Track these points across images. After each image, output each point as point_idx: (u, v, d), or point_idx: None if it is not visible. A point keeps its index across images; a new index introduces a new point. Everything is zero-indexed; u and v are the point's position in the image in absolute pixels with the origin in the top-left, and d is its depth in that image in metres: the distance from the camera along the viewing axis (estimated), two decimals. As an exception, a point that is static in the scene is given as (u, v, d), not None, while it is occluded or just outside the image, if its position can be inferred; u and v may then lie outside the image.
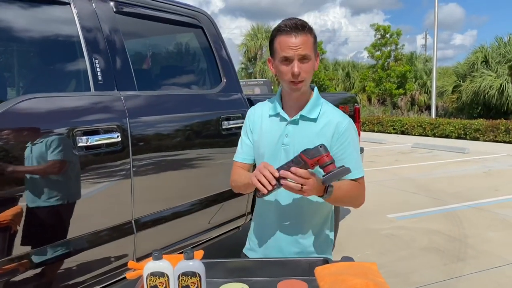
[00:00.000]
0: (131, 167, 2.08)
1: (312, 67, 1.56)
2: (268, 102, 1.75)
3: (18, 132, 1.68)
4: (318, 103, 1.65)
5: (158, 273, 1.27)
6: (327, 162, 1.41)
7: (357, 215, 5.30)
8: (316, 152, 1.42)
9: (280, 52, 1.53)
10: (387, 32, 23.24)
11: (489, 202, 5.80)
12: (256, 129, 1.72)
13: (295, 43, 1.50)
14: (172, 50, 3.09)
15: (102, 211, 2.00)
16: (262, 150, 1.69)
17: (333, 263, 1.41)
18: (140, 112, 2.20)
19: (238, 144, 1.79)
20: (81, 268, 1.93)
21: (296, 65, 1.51)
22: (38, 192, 1.73)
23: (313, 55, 1.56)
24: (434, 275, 3.53)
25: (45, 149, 1.74)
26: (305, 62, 1.53)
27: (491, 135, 12.81)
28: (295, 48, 1.50)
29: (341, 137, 1.60)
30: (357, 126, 4.52)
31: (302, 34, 1.51)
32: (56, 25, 2.07)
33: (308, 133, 1.62)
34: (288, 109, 1.66)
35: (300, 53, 1.50)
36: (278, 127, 1.66)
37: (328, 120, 1.62)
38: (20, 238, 1.68)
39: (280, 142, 1.64)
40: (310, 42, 1.53)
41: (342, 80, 28.56)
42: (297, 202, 1.66)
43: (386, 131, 16.61)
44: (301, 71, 1.52)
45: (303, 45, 1.50)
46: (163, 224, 2.31)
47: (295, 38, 1.50)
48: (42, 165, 1.74)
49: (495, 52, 19.66)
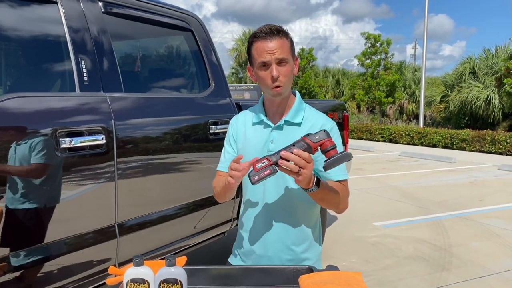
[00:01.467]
0: (116, 170, 2.05)
1: (290, 70, 1.57)
2: (250, 110, 1.74)
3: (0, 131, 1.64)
4: (301, 107, 1.66)
5: (138, 279, 1.24)
6: (329, 146, 1.40)
7: (344, 223, 5.30)
8: (320, 136, 1.41)
9: (258, 58, 1.54)
10: (377, 41, 23.46)
11: (474, 212, 5.84)
12: (240, 138, 1.71)
13: (271, 47, 1.51)
14: (160, 53, 3.07)
15: (84, 214, 1.96)
16: (247, 158, 1.67)
17: (317, 272, 1.40)
18: (126, 114, 2.17)
19: (221, 153, 1.77)
20: (62, 272, 1.89)
21: (274, 68, 1.52)
22: (18, 193, 1.69)
23: (291, 58, 1.57)
24: (419, 284, 3.53)
25: (27, 149, 1.70)
26: (283, 65, 1.53)
27: (477, 145, 12.97)
28: (272, 52, 1.51)
29: None
30: (346, 133, 4.53)
31: (277, 38, 1.52)
32: (42, 24, 2.03)
33: (293, 138, 1.60)
34: (271, 116, 1.66)
35: (277, 57, 1.51)
36: (263, 134, 1.65)
37: (312, 123, 1.62)
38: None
39: (266, 148, 1.63)
40: (286, 45, 1.54)
41: (332, 88, 28.72)
42: (285, 206, 1.65)
43: (375, 139, 16.73)
44: (279, 74, 1.53)
45: (279, 48, 1.51)
46: (147, 229, 2.27)
47: (270, 42, 1.51)
48: (23, 166, 1.70)
49: (482, 63, 19.98)
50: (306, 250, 1.69)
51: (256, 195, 1.69)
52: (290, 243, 1.66)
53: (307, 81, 25.13)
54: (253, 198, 1.71)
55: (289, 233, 1.66)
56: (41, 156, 1.75)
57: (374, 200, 6.62)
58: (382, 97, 22.76)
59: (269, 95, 1.60)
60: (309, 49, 27.14)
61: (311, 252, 1.71)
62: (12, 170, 1.66)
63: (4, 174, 1.64)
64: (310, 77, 25.72)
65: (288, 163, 1.39)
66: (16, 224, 1.70)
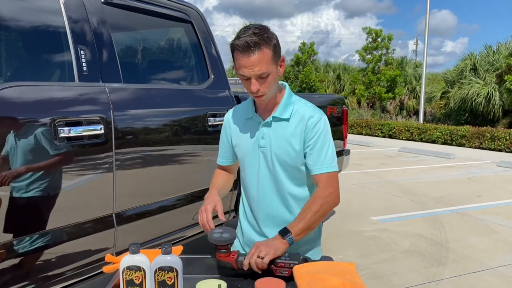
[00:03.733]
0: (114, 160, 2.06)
1: (272, 79, 1.53)
2: (242, 105, 1.76)
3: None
4: (289, 102, 1.64)
5: (134, 267, 1.26)
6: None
7: (341, 217, 5.32)
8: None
9: (238, 68, 1.51)
10: (378, 36, 23.40)
11: (472, 208, 5.87)
12: (234, 133, 1.73)
13: (250, 64, 1.46)
14: (160, 44, 3.07)
15: (82, 203, 1.97)
16: (241, 154, 1.72)
17: (311, 262, 1.42)
18: (125, 105, 2.18)
19: (220, 143, 1.83)
20: (60, 260, 1.91)
21: (252, 83, 1.49)
22: (17, 181, 1.70)
23: (273, 67, 1.51)
24: (415, 278, 3.56)
25: (25, 138, 1.71)
26: (263, 77, 1.50)
27: (477, 142, 12.97)
28: (251, 68, 1.47)
29: (310, 132, 1.60)
30: (344, 128, 4.54)
31: (256, 52, 1.45)
32: (42, 14, 2.03)
33: (282, 133, 1.63)
34: (261, 111, 1.67)
35: (256, 73, 1.48)
36: (254, 130, 1.67)
37: (300, 117, 1.62)
38: (-4, 228, 1.66)
39: (257, 145, 1.65)
40: (267, 57, 1.47)
41: (332, 82, 28.65)
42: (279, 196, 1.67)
43: (374, 134, 16.73)
44: (260, 88, 1.51)
45: (259, 64, 1.46)
46: (145, 219, 2.29)
47: (248, 59, 1.46)
48: (21, 154, 1.71)
49: (483, 60, 19.92)
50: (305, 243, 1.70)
51: (251, 187, 1.72)
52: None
53: (307, 76, 25.08)
54: (249, 190, 1.73)
55: (285, 221, 1.68)
56: (38, 143, 1.76)
57: (372, 195, 6.64)
58: (383, 92, 22.73)
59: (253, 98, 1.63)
60: (310, 43, 27.04)
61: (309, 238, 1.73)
62: (12, 158, 1.67)
63: (3, 162, 1.65)
64: (311, 72, 25.66)
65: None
66: (13, 212, 1.71)
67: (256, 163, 1.66)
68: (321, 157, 1.60)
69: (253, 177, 1.70)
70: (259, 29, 1.48)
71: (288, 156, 1.62)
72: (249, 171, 1.71)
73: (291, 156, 1.62)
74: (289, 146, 1.61)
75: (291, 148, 1.61)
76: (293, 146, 1.61)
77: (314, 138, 1.60)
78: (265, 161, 1.65)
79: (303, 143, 1.61)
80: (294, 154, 1.61)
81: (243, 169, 1.75)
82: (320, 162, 1.59)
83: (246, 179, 1.74)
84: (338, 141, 4.41)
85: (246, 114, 1.69)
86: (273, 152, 1.62)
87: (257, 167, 1.67)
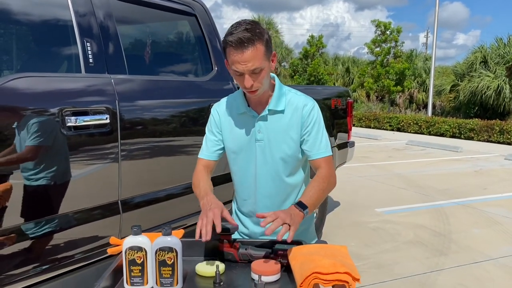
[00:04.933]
0: (120, 149, 2.14)
1: (265, 74, 1.56)
2: (232, 99, 1.76)
3: (7, 109, 1.72)
4: (281, 93, 1.68)
5: (136, 247, 1.33)
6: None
7: (346, 208, 5.38)
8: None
9: (231, 65, 1.53)
10: (387, 29, 23.26)
11: (477, 200, 5.88)
12: (225, 127, 1.74)
13: (243, 60, 1.48)
14: (164, 37, 3.13)
15: (89, 190, 2.05)
16: (235, 148, 1.73)
17: (305, 245, 1.48)
18: (130, 96, 2.25)
19: (203, 140, 1.81)
20: (69, 244, 1.99)
21: (246, 79, 1.52)
22: (27, 168, 1.78)
23: (266, 62, 1.54)
24: (416, 267, 3.61)
25: (34, 127, 1.79)
26: (256, 72, 1.52)
27: (486, 135, 12.90)
28: (244, 64, 1.49)
29: (306, 120, 1.66)
30: (349, 120, 4.57)
31: (249, 48, 1.47)
32: (49, 6, 2.10)
33: (279, 125, 1.67)
34: (253, 105, 1.69)
35: (249, 69, 1.50)
36: (249, 124, 1.69)
37: (294, 107, 1.67)
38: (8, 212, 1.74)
39: (254, 138, 1.69)
40: (260, 52, 1.50)
41: (341, 75, 28.55)
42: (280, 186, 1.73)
43: (382, 128, 16.69)
44: (253, 83, 1.54)
45: (252, 59, 1.48)
46: (149, 206, 2.36)
47: (242, 54, 1.48)
48: (30, 143, 1.79)
49: (494, 52, 19.71)
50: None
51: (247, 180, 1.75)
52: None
53: (316, 69, 25.03)
54: (244, 183, 1.77)
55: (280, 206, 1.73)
56: (46, 132, 1.84)
57: (377, 187, 6.68)
58: (391, 85, 22.62)
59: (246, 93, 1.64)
60: (319, 36, 26.95)
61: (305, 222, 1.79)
62: (21, 147, 1.75)
63: (14, 150, 1.73)
64: (319, 65, 25.60)
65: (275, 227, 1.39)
66: (24, 198, 1.80)
67: (252, 156, 1.70)
68: (317, 142, 1.67)
69: (250, 170, 1.73)
70: (251, 24, 1.51)
71: (288, 146, 1.67)
72: (244, 165, 1.74)
73: (290, 147, 1.67)
74: (288, 137, 1.66)
75: (289, 138, 1.67)
76: (291, 136, 1.66)
77: (310, 125, 1.66)
78: (262, 154, 1.69)
79: (299, 132, 1.66)
80: (293, 144, 1.67)
81: (235, 163, 1.76)
82: (317, 147, 1.67)
83: (239, 173, 1.77)
84: (342, 133, 4.45)
85: (238, 109, 1.71)
86: (272, 145, 1.67)
87: (254, 161, 1.70)
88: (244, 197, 1.80)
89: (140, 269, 1.33)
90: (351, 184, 6.77)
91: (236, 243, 1.53)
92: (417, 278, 3.41)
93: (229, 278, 1.41)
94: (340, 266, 1.26)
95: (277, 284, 1.35)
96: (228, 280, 1.40)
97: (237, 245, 1.53)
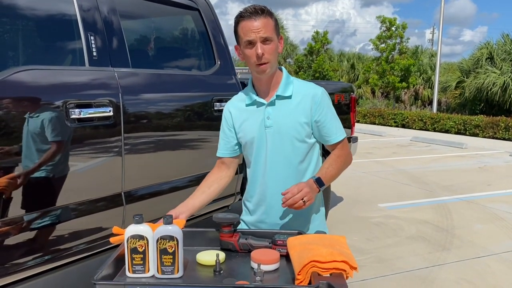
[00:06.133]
0: (123, 141, 2.16)
1: (275, 48, 1.65)
2: (242, 93, 1.83)
3: (12, 101, 1.75)
4: (289, 81, 1.75)
5: (138, 236, 1.35)
6: None
7: (349, 204, 5.40)
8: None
9: (244, 36, 1.63)
10: (392, 25, 23.13)
11: (480, 196, 5.87)
12: (237, 121, 1.79)
13: (256, 26, 1.60)
14: (168, 31, 3.15)
15: (92, 181, 2.08)
16: (248, 138, 1.77)
17: (304, 235, 1.50)
18: (133, 89, 2.27)
19: (219, 138, 1.87)
20: (73, 234, 2.02)
21: (259, 46, 1.61)
22: (31, 160, 1.81)
23: (275, 37, 1.65)
24: (418, 262, 3.62)
25: (39, 119, 1.82)
26: (267, 44, 1.62)
27: (491, 132, 12.84)
28: (257, 31, 1.60)
29: (319, 107, 1.72)
30: (352, 115, 4.58)
31: (262, 17, 1.60)
32: (54, 1, 2.13)
33: (287, 110, 1.72)
34: (262, 94, 1.75)
35: (261, 36, 1.60)
36: (258, 112, 1.74)
37: (303, 94, 1.72)
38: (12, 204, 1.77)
39: (263, 126, 1.73)
40: (271, 24, 1.63)
41: (346, 72, 28.47)
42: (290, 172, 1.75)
43: (387, 124, 16.65)
44: (264, 52, 1.61)
45: (264, 28, 1.60)
46: (152, 198, 2.39)
47: (255, 21, 1.60)
48: (35, 135, 1.81)
49: (500, 49, 19.55)
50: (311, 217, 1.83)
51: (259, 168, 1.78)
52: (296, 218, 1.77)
53: (321, 65, 24.96)
54: (257, 172, 1.79)
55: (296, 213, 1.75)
56: (51, 124, 1.86)
57: (381, 183, 6.68)
58: (396, 81, 22.53)
59: (256, 73, 1.69)
60: (324, 32, 26.87)
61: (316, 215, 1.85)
62: (26, 138, 1.78)
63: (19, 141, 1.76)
64: (324, 61, 25.53)
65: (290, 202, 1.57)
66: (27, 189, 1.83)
67: (263, 144, 1.73)
68: (333, 127, 1.75)
69: (261, 157, 1.76)
70: (262, 5, 1.64)
71: (295, 130, 1.71)
72: (256, 154, 1.77)
73: (298, 130, 1.71)
74: (296, 122, 1.70)
75: (297, 123, 1.70)
76: (299, 119, 1.70)
77: (323, 112, 1.72)
78: (272, 140, 1.72)
79: (309, 118, 1.71)
80: (300, 128, 1.71)
81: (250, 154, 1.79)
82: (335, 131, 1.75)
83: (253, 163, 1.79)
84: (346, 129, 4.45)
85: (247, 100, 1.76)
86: (281, 129, 1.71)
87: (264, 148, 1.74)
88: (255, 183, 1.81)
89: (142, 257, 1.35)
90: (354, 180, 6.78)
91: (236, 233, 1.56)
92: (418, 272, 3.42)
93: (229, 267, 1.43)
94: (338, 255, 1.28)
95: (276, 272, 1.38)
96: (228, 268, 1.42)
97: (238, 235, 1.55)
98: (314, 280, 1.21)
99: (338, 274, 1.24)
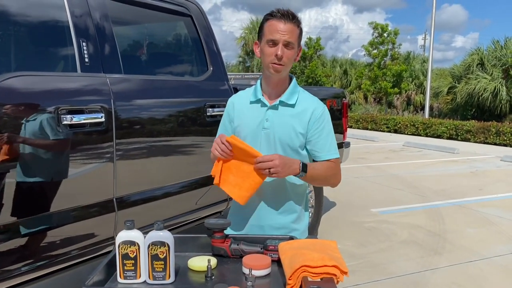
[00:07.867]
0: (114, 147, 2.16)
1: (293, 55, 1.69)
2: (249, 89, 1.85)
3: (3, 108, 1.75)
4: (295, 90, 1.78)
5: (129, 242, 1.35)
6: None
7: (342, 209, 5.41)
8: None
9: (268, 34, 1.66)
10: (384, 31, 23.29)
11: (472, 201, 5.92)
12: (238, 115, 1.82)
13: (283, 29, 1.63)
14: (160, 37, 3.16)
15: (84, 187, 2.08)
16: (243, 134, 1.79)
17: (295, 240, 1.51)
18: (125, 95, 2.27)
19: (219, 125, 1.92)
20: (64, 241, 2.01)
21: (280, 48, 1.64)
22: (22, 166, 1.80)
23: (297, 45, 1.69)
24: (411, 266, 3.64)
25: (30, 125, 1.81)
26: (288, 49, 1.66)
27: (482, 137, 12.96)
28: (283, 33, 1.63)
29: (317, 122, 1.73)
30: (344, 121, 4.61)
31: (291, 23, 1.65)
32: (45, 7, 2.13)
33: (287, 117, 1.74)
34: (267, 95, 1.78)
35: (286, 39, 1.64)
36: (259, 112, 1.76)
37: (305, 106, 1.75)
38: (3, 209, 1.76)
39: (261, 126, 1.75)
40: (296, 32, 1.67)
41: (339, 78, 28.62)
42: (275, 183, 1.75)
43: (380, 129, 16.74)
44: (283, 55, 1.65)
45: (290, 33, 1.64)
46: (143, 204, 2.39)
47: (284, 24, 1.63)
48: (26, 141, 1.81)
49: (491, 55, 19.80)
50: (295, 221, 1.81)
51: None
52: (280, 213, 1.78)
53: (313, 71, 25.07)
54: None
55: (280, 205, 1.77)
56: (42, 130, 1.86)
57: (373, 188, 6.71)
58: (388, 87, 22.66)
59: (268, 72, 1.71)
60: (317, 38, 26.99)
61: (299, 223, 1.83)
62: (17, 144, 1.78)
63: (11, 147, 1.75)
64: (317, 67, 25.64)
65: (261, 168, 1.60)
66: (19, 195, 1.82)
67: (257, 143, 1.75)
68: (327, 144, 1.75)
69: None
70: (294, 12, 1.69)
71: (290, 138, 1.72)
72: None
73: (292, 138, 1.72)
74: (292, 130, 1.72)
75: (293, 130, 1.72)
76: (295, 128, 1.72)
77: (320, 128, 1.73)
78: (267, 142, 1.74)
79: (305, 130, 1.72)
80: (295, 137, 1.72)
81: None
82: (327, 149, 1.75)
83: None
84: (338, 134, 4.48)
85: (252, 97, 1.79)
86: (276, 134, 1.73)
87: (257, 147, 1.74)
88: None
89: (133, 263, 1.35)
90: (347, 185, 6.80)
91: (228, 239, 1.56)
92: (411, 277, 3.44)
93: (221, 272, 1.43)
94: (329, 260, 1.28)
95: (267, 277, 1.38)
96: (220, 274, 1.42)
97: (229, 240, 1.56)
98: (305, 285, 1.21)
99: (328, 279, 1.25)
